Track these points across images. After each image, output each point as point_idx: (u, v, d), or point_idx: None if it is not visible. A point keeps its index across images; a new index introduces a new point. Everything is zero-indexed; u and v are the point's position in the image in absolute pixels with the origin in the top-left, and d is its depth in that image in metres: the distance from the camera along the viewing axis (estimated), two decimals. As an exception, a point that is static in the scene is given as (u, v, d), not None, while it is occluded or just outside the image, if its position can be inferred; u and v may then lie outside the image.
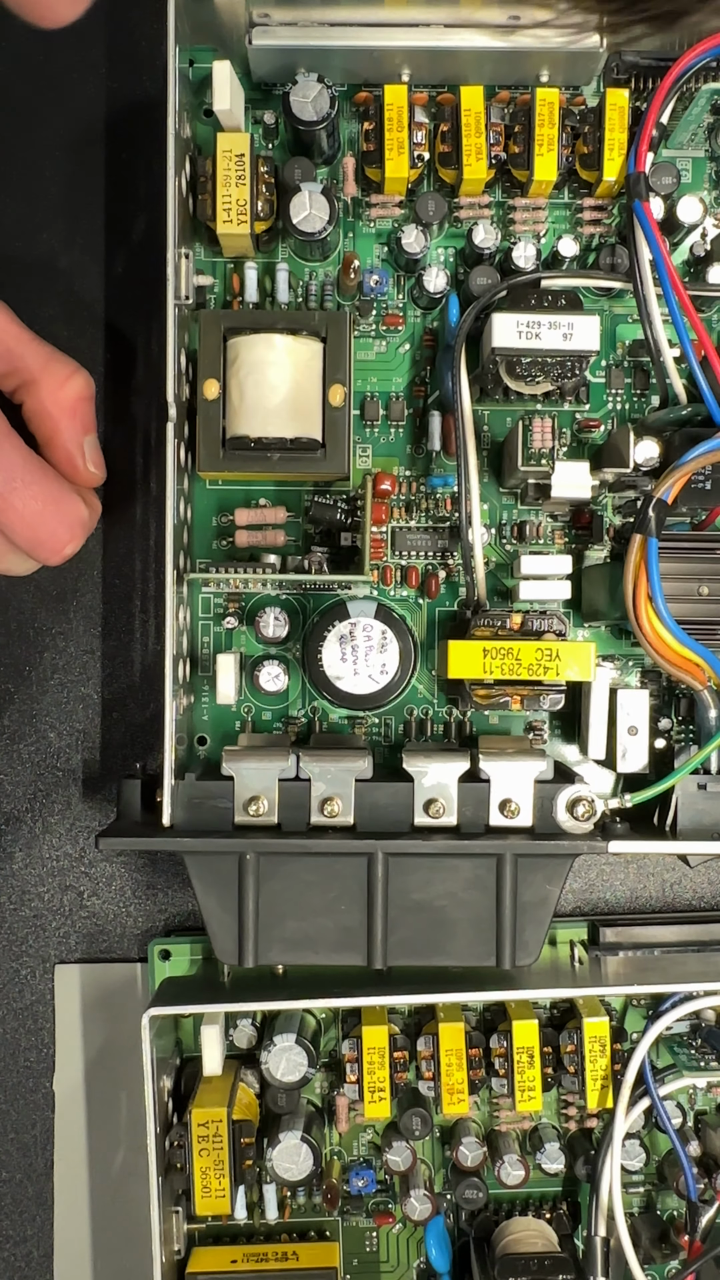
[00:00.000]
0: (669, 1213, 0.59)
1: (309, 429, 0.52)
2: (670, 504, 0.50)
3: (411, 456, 0.57)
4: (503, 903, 0.51)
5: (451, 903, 0.51)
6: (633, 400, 0.57)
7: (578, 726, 0.56)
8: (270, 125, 0.56)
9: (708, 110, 0.54)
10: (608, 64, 0.54)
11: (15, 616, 0.59)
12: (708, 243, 0.55)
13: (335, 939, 0.51)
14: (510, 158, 0.54)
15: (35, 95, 0.58)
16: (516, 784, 0.52)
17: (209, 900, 0.51)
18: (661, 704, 0.57)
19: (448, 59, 0.53)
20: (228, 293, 0.56)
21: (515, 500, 0.57)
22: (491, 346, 0.51)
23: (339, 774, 0.51)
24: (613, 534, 0.56)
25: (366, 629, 0.54)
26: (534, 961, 0.51)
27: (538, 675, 0.51)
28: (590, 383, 0.56)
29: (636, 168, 0.51)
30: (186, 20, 0.52)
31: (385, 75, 0.54)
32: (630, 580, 0.50)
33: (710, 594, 0.51)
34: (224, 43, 0.54)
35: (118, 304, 0.59)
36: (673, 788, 0.53)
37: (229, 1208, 0.53)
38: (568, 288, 0.53)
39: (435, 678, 0.57)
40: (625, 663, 0.57)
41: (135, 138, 0.58)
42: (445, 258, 0.56)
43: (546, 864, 0.51)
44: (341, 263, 0.55)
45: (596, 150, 0.53)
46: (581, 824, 0.51)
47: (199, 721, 0.57)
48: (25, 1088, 0.60)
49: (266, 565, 0.54)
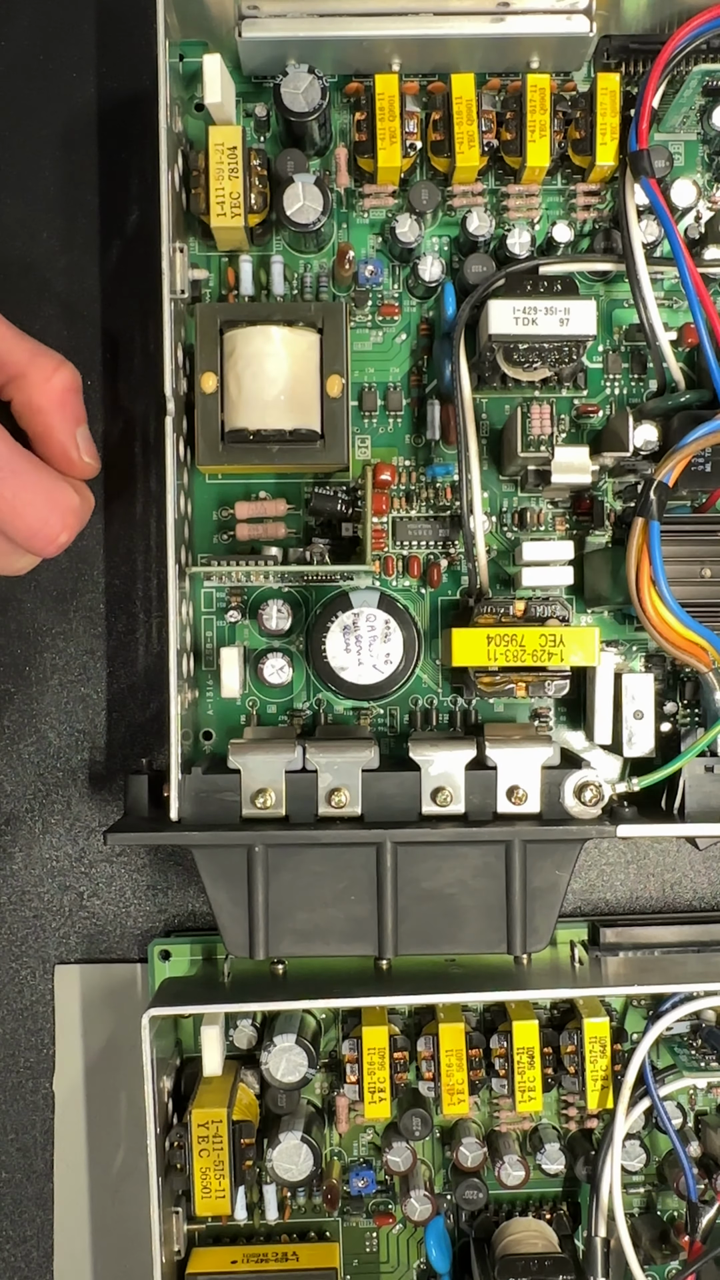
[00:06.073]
0: (669, 1213, 0.59)
1: (307, 420, 0.51)
2: (671, 487, 0.50)
3: (411, 446, 0.57)
4: (512, 889, 0.51)
5: (461, 890, 0.51)
6: (630, 385, 0.57)
7: (583, 712, 0.56)
8: (262, 118, 0.56)
9: (699, 92, 0.54)
10: (598, 49, 0.54)
11: (15, 616, 0.59)
12: (701, 225, 0.55)
13: (345, 929, 0.51)
14: (503, 145, 0.54)
15: (26, 92, 0.58)
16: (523, 771, 0.52)
17: (218, 894, 0.51)
18: (666, 687, 0.57)
19: (438, 47, 0.53)
20: (223, 286, 0.56)
21: (515, 487, 0.57)
22: (488, 333, 0.51)
23: (345, 765, 0.51)
24: (613, 519, 0.56)
25: (370, 619, 0.54)
26: (544, 947, 0.51)
27: (542, 661, 0.51)
28: (588, 368, 0.56)
29: (638, 145, 0.51)
30: (176, 14, 0.52)
31: (376, 65, 0.54)
32: (633, 564, 0.50)
33: (713, 576, 0.51)
34: (214, 36, 0.54)
35: (113, 299, 0.59)
36: (680, 771, 0.53)
37: (229, 1208, 0.53)
38: (564, 273, 0.53)
39: (439, 667, 0.57)
40: (629, 647, 0.57)
41: (127, 133, 0.58)
42: (440, 246, 0.56)
43: (555, 850, 0.51)
44: (336, 254, 0.55)
45: (589, 135, 0.53)
46: (589, 809, 0.51)
47: (204, 716, 0.57)
48: (25, 1088, 0.60)
49: (268, 558, 0.54)
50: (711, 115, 0.55)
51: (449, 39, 0.53)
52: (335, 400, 0.51)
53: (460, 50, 0.53)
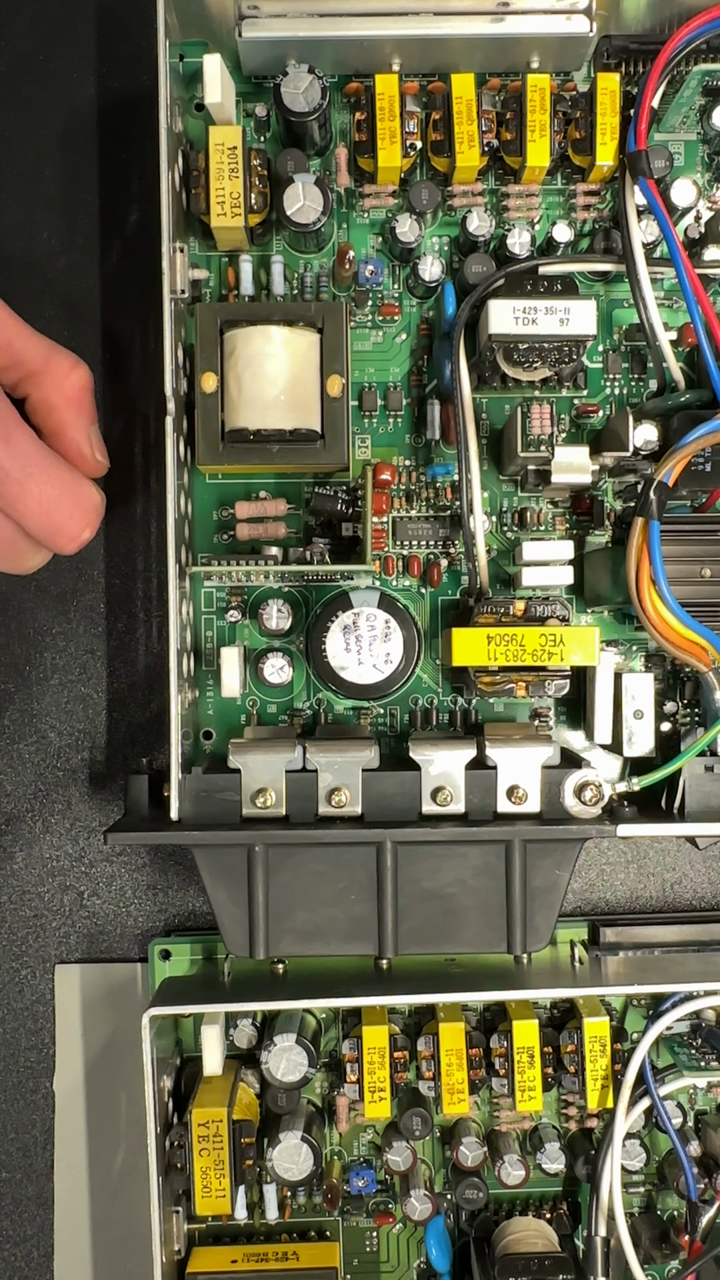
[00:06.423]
0: (669, 1213, 0.59)
1: (308, 420, 0.52)
2: (671, 486, 0.50)
3: (411, 446, 0.57)
4: (512, 889, 0.51)
5: (461, 890, 0.51)
6: (630, 384, 0.57)
7: (583, 712, 0.56)
8: (262, 118, 0.56)
9: (699, 92, 0.54)
10: (598, 49, 0.54)
11: (15, 616, 0.59)
12: (701, 225, 0.55)
13: (346, 929, 0.51)
14: (503, 145, 0.54)
15: (26, 92, 0.58)
16: (523, 770, 0.52)
17: (218, 893, 0.51)
18: (666, 687, 0.57)
19: (438, 47, 0.53)
20: (223, 286, 0.56)
21: (515, 487, 0.57)
22: (489, 333, 0.51)
23: (346, 764, 0.51)
24: (613, 519, 0.56)
25: (370, 619, 0.54)
26: (544, 946, 0.51)
27: (542, 661, 0.51)
28: (588, 368, 0.56)
29: (637, 146, 0.51)
30: (176, 14, 0.52)
31: (376, 65, 0.54)
32: (633, 564, 0.50)
33: (713, 575, 0.51)
34: (214, 36, 0.54)
35: (113, 299, 0.59)
36: (680, 770, 0.53)
37: (229, 1208, 0.53)
38: (564, 273, 0.53)
39: (440, 666, 0.57)
40: (629, 647, 0.57)
41: (127, 133, 0.58)
42: (440, 246, 0.56)
43: (555, 849, 0.51)
44: (336, 254, 0.55)
45: (588, 135, 0.53)
46: (589, 808, 0.51)
47: (204, 716, 0.57)
48: (25, 1088, 0.60)
49: (268, 557, 0.54)
50: (711, 115, 0.55)
51: (449, 39, 0.53)
52: (335, 400, 0.52)
53: (460, 50, 0.53)
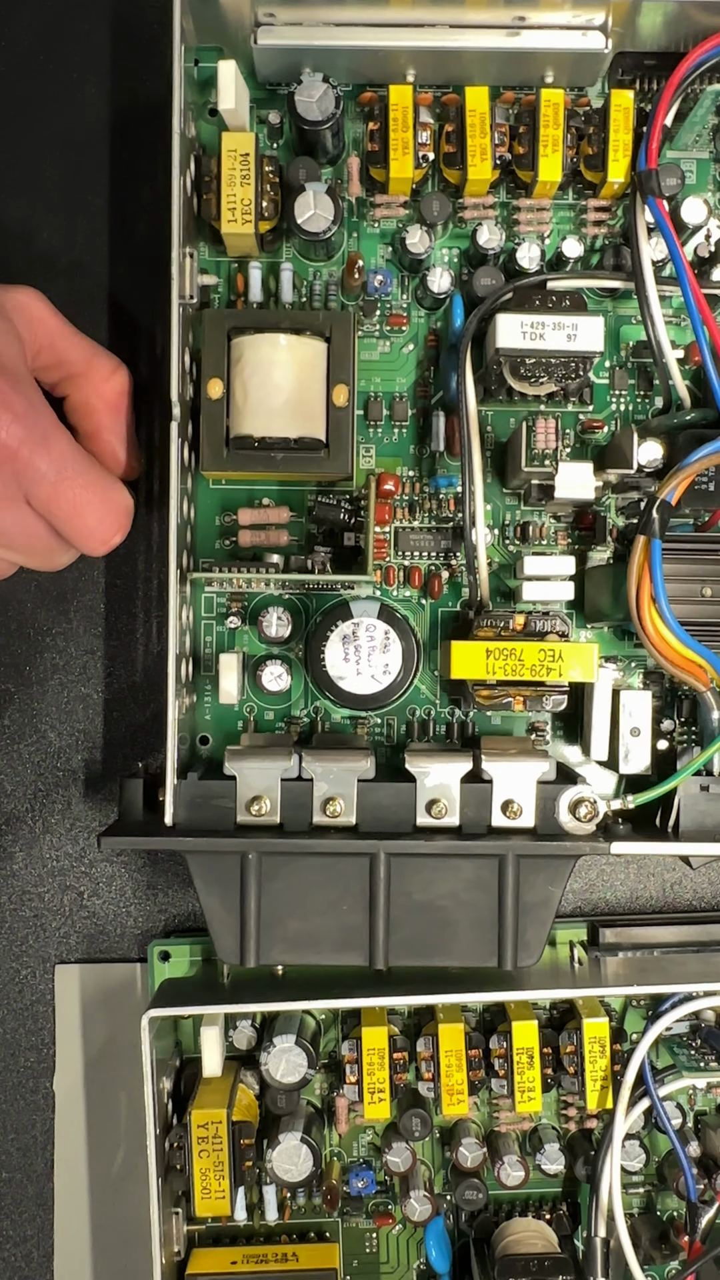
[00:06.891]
0: (669, 1213, 0.59)
1: (313, 429, 0.52)
2: (674, 505, 0.50)
3: (415, 457, 0.57)
4: (504, 903, 0.51)
5: (453, 903, 0.51)
6: (636, 401, 0.57)
7: (580, 728, 0.56)
8: (275, 125, 0.56)
9: (713, 111, 0.54)
10: (613, 65, 0.54)
11: (15, 616, 0.59)
12: (712, 244, 0.55)
13: (337, 939, 0.51)
14: (515, 158, 0.54)
15: (40, 95, 0.58)
16: (519, 785, 0.52)
17: (211, 900, 0.51)
18: (664, 705, 0.57)
19: (453, 59, 0.53)
20: (232, 292, 0.56)
21: (519, 501, 0.57)
22: (496, 347, 0.51)
23: (341, 774, 0.51)
24: (616, 535, 0.56)
25: (369, 629, 0.54)
26: (535, 962, 0.51)
27: (540, 676, 0.51)
28: (594, 384, 0.56)
29: (647, 164, 0.51)
30: (192, 20, 0.52)
31: (390, 75, 0.54)
32: (634, 581, 0.50)
33: (713, 595, 0.51)
34: (229, 42, 0.54)
35: (122, 304, 0.59)
36: (675, 789, 0.53)
37: (229, 1209, 0.53)
38: (572, 289, 0.53)
39: (438, 678, 0.57)
40: (628, 664, 0.57)
41: (140, 137, 0.58)
42: (449, 258, 0.56)
43: (548, 865, 0.51)
44: (346, 263, 0.55)
45: (601, 151, 0.53)
46: (584, 825, 0.51)
47: (201, 721, 0.57)
48: (25, 1088, 0.60)
49: (269, 565, 0.54)
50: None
51: (464, 51, 0.53)
52: (341, 409, 0.52)
53: (475, 63, 0.53)
